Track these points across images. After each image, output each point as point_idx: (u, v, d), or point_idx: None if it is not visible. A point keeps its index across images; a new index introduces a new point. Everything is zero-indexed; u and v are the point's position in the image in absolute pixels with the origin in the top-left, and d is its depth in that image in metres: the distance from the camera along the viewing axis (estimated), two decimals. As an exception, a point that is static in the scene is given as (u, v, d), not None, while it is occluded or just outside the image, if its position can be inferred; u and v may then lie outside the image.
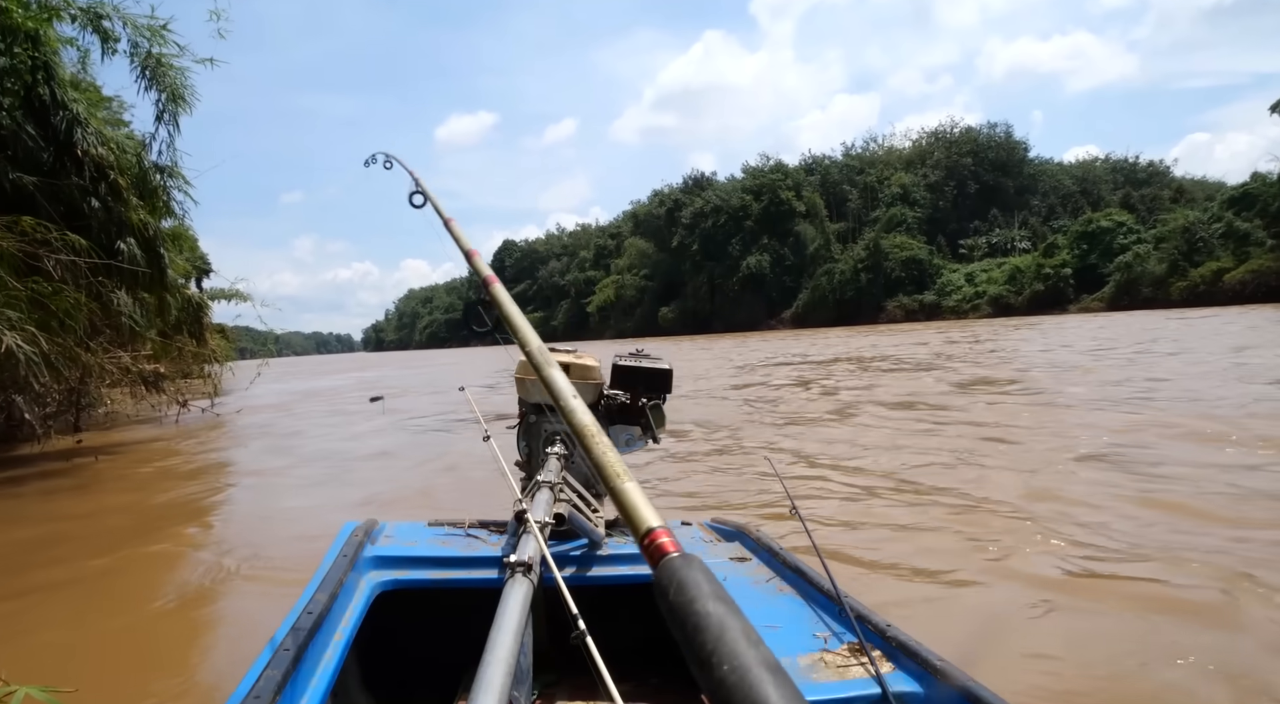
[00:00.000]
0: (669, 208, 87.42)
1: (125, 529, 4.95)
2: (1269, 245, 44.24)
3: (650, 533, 0.57)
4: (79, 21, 8.74)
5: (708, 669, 0.41)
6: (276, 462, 7.69)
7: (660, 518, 0.57)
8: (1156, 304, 46.82)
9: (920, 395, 9.22)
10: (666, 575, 0.50)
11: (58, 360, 7.27)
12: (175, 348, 11.03)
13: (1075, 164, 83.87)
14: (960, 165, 76.89)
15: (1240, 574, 2.86)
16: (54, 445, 8.72)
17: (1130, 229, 55.87)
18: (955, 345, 19.89)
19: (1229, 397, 7.21)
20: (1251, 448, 5.00)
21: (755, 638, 0.42)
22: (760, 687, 0.37)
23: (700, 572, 0.49)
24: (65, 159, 8.11)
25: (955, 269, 67.29)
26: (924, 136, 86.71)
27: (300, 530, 4.56)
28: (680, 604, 0.46)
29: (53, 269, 7.32)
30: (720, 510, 4.32)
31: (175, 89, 9.40)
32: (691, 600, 0.46)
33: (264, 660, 1.11)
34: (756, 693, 0.37)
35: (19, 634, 3.07)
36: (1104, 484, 4.33)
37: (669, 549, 0.54)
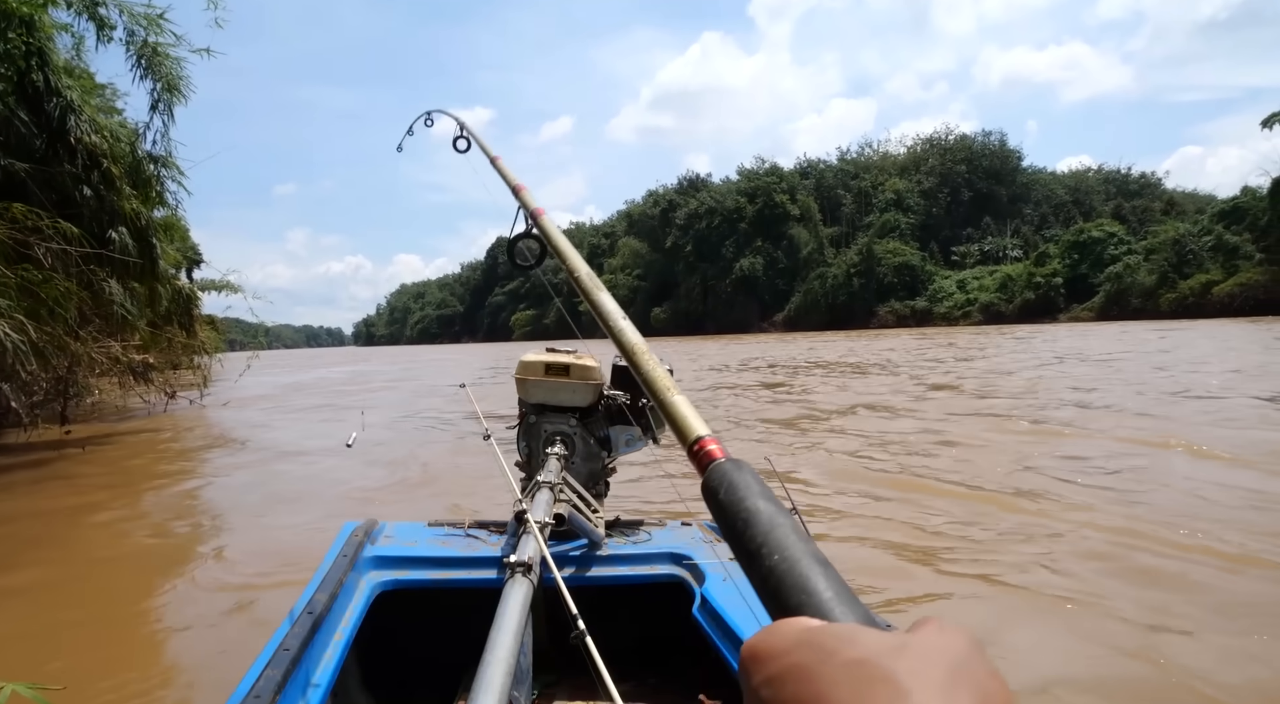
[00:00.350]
0: (663, 208, 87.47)
1: (114, 522, 4.91)
2: (1258, 259, 44.68)
3: (699, 440, 0.59)
4: (75, 8, 8.68)
5: (757, 560, 0.42)
6: (266, 455, 7.65)
7: (707, 427, 0.60)
8: (1145, 315, 47.20)
9: (862, 401, 9.27)
10: (716, 478, 0.51)
11: (46, 349, 7.21)
12: (165, 338, 10.96)
13: (1068, 174, 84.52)
14: (954, 172, 77.32)
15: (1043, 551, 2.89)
16: (41, 435, 8.65)
17: (1121, 240, 56.31)
18: (921, 352, 20.01)
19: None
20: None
21: (804, 533, 0.43)
22: (811, 575, 0.39)
23: (749, 474, 0.50)
24: (58, 146, 8.05)
25: (947, 276, 67.65)
26: (919, 143, 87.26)
27: (295, 525, 4.54)
28: (731, 502, 0.48)
29: (43, 257, 7.26)
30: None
31: (171, 79, 9.33)
32: (741, 498, 0.47)
33: (264, 660, 1.11)
34: (807, 580, 0.38)
35: (5, 630, 3.04)
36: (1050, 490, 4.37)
37: (717, 454, 0.55)
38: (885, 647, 0.28)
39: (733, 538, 0.46)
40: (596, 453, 1.81)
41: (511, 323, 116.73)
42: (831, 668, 0.28)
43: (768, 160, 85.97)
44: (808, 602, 0.37)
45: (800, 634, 0.31)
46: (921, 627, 0.30)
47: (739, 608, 1.39)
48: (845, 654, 0.28)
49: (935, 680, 0.26)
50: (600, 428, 1.82)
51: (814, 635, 0.30)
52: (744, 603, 1.42)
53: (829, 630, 0.31)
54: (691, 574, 1.59)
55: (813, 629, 0.31)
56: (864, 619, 0.36)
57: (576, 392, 1.79)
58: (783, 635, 0.31)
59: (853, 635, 0.29)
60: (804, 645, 0.30)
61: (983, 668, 0.28)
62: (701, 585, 1.51)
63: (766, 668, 0.30)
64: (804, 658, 0.29)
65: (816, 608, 0.37)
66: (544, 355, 1.82)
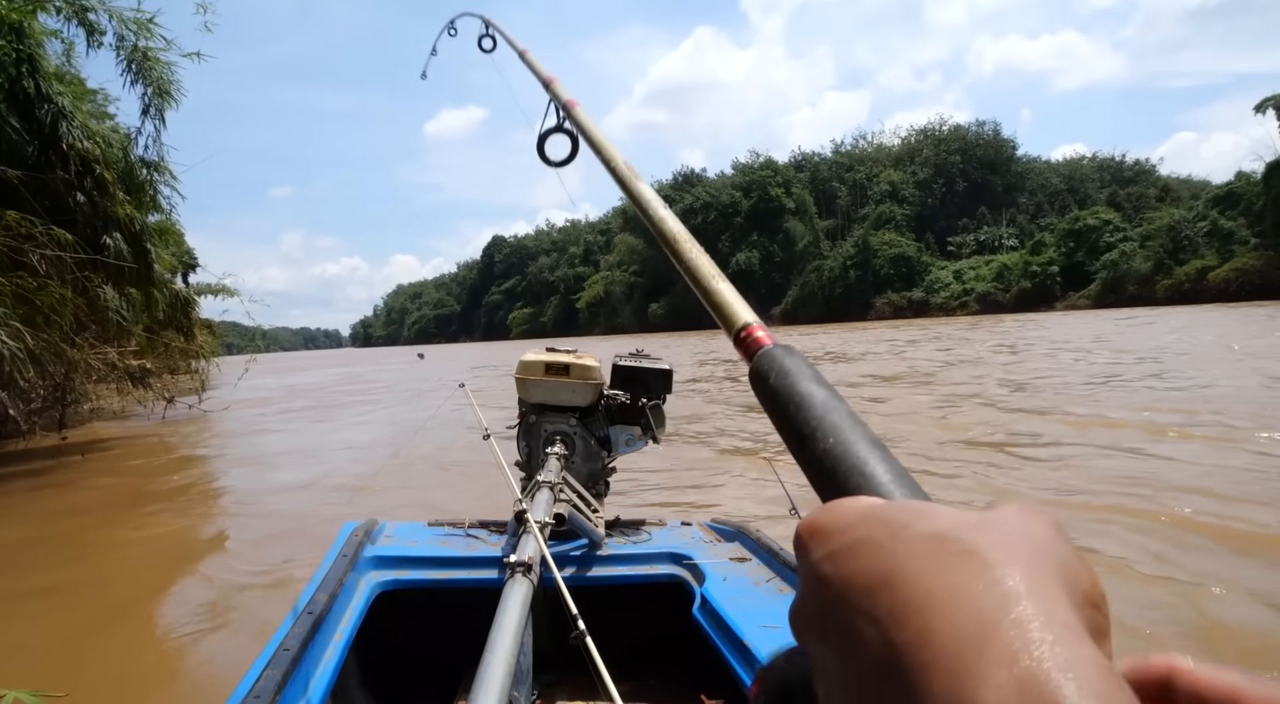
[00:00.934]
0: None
1: (112, 528, 4.91)
2: (1253, 244, 44.72)
3: (745, 327, 0.57)
4: (64, 14, 8.63)
5: (810, 444, 0.40)
6: (264, 459, 7.64)
7: (754, 315, 0.59)
8: (1142, 302, 47.24)
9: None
10: (766, 362, 0.49)
11: (43, 356, 7.19)
12: (162, 343, 10.92)
13: (1062, 162, 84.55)
14: (949, 163, 77.29)
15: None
16: (39, 442, 8.64)
17: (1116, 227, 56.34)
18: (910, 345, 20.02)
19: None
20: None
21: (859, 419, 0.41)
22: (869, 458, 0.36)
23: (800, 359, 0.48)
24: (50, 153, 8.01)
25: (943, 266, 67.64)
26: (913, 134, 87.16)
27: (293, 528, 4.53)
28: (783, 386, 0.45)
29: (38, 264, 7.23)
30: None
31: (162, 83, 9.29)
32: (793, 383, 0.45)
33: (264, 660, 1.11)
34: (865, 462, 0.36)
35: (6, 637, 3.04)
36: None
37: (765, 341, 0.53)
38: (965, 522, 0.26)
39: (783, 423, 0.43)
40: (596, 453, 1.81)
41: (509, 321, 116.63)
42: (905, 541, 0.25)
43: (762, 154, 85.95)
44: (865, 484, 0.35)
45: (867, 509, 0.28)
46: (1001, 506, 0.28)
47: (739, 608, 1.39)
48: (920, 527, 0.26)
49: (1022, 556, 0.24)
50: (600, 427, 1.82)
51: (883, 510, 0.28)
52: (744, 603, 1.42)
53: (898, 506, 0.28)
54: (691, 574, 1.59)
55: (879, 505, 0.29)
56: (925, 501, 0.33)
57: (576, 391, 1.79)
58: (847, 510, 0.29)
59: (927, 510, 0.27)
60: (872, 519, 0.27)
61: (1068, 549, 0.26)
62: (701, 585, 1.51)
63: (829, 542, 0.27)
64: (873, 531, 0.27)
65: (876, 489, 0.35)
66: (544, 355, 1.81)
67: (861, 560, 0.26)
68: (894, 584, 0.24)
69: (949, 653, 0.22)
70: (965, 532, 0.25)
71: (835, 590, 0.26)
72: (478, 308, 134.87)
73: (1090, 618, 0.24)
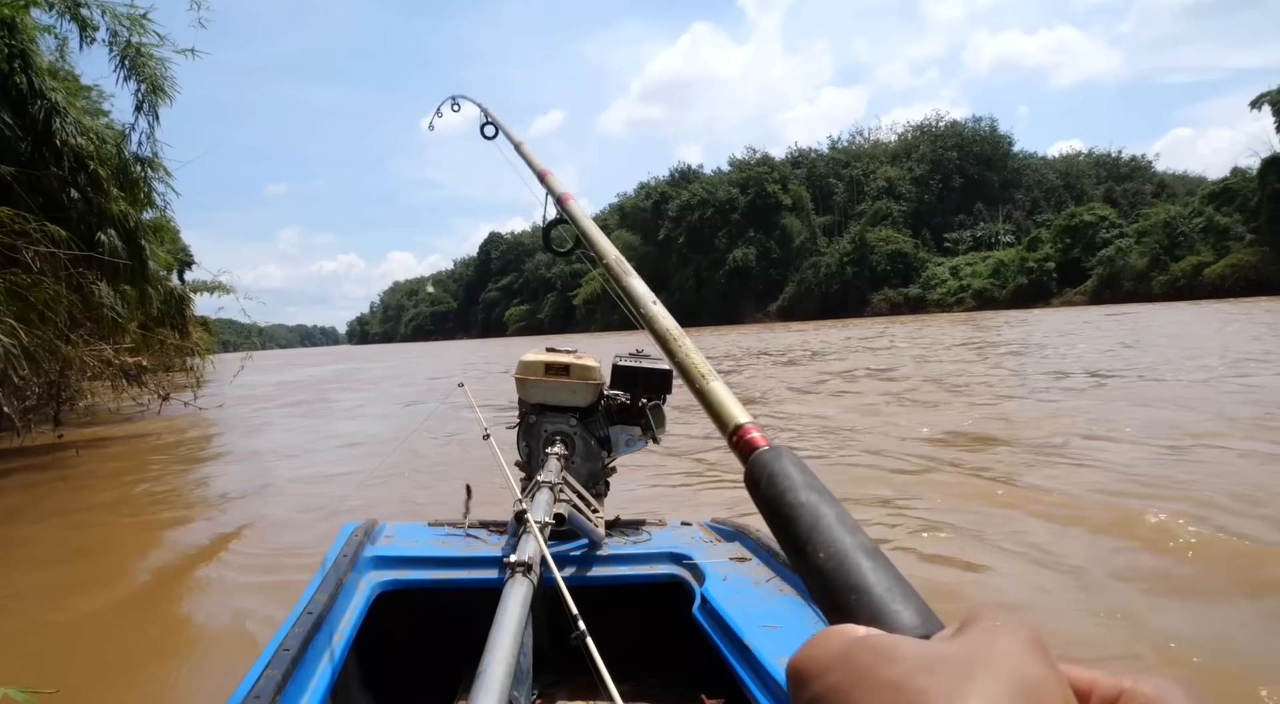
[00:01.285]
0: (655, 200, 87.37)
1: (108, 525, 4.89)
2: (1248, 240, 44.88)
3: (739, 429, 0.56)
4: (56, 9, 8.58)
5: (804, 557, 0.40)
6: (260, 456, 7.62)
7: (748, 415, 0.58)
8: (1138, 298, 47.40)
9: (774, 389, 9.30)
10: (758, 468, 0.49)
11: (37, 353, 7.15)
12: (157, 341, 10.89)
13: (1059, 158, 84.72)
14: (945, 159, 77.41)
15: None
16: (34, 439, 8.60)
17: (1113, 223, 56.48)
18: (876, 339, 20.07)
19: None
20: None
21: (851, 524, 0.41)
22: (859, 570, 0.37)
23: (792, 463, 0.48)
24: (44, 149, 7.97)
25: (940, 262, 67.78)
26: (910, 130, 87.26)
27: (290, 526, 4.52)
28: (773, 496, 0.46)
29: (31, 261, 7.19)
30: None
31: (155, 79, 9.23)
32: (784, 491, 0.45)
33: (264, 660, 1.11)
34: (855, 575, 0.37)
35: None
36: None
37: (758, 443, 0.53)
38: (921, 664, 0.26)
39: (778, 533, 0.44)
40: (596, 453, 1.81)
41: (505, 318, 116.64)
42: (867, 690, 0.26)
43: (759, 150, 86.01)
44: (858, 601, 0.36)
45: (842, 648, 0.29)
46: (967, 630, 0.28)
47: (739, 608, 1.39)
48: (881, 674, 0.26)
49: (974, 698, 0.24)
50: (600, 428, 1.82)
51: (854, 650, 0.28)
52: (744, 603, 1.42)
53: (868, 644, 0.29)
54: (691, 574, 1.59)
55: (853, 642, 0.29)
56: (916, 619, 0.34)
57: (576, 391, 1.79)
58: (824, 650, 0.29)
59: (890, 650, 0.27)
60: (844, 662, 0.28)
61: (1035, 675, 0.26)
62: (701, 585, 1.51)
63: (809, 689, 0.28)
64: (842, 679, 0.27)
65: (867, 609, 0.35)
66: (544, 355, 1.81)
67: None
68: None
69: None
70: (919, 677, 0.25)
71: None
72: (474, 305, 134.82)
73: None
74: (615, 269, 0.97)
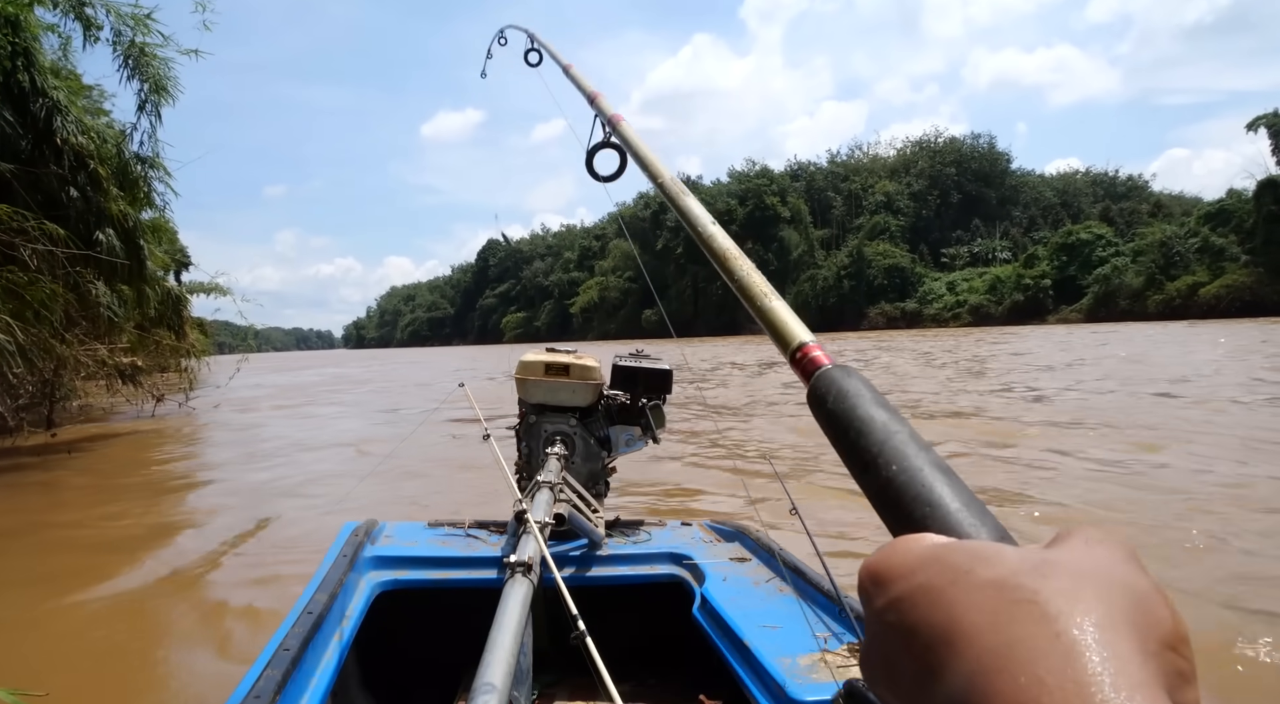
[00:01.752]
0: (654, 210, 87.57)
1: (100, 525, 4.85)
2: (1244, 261, 45.14)
3: (802, 347, 0.55)
4: (61, 7, 8.60)
5: (873, 470, 0.38)
6: (254, 457, 7.59)
7: (811, 334, 0.56)
8: (1133, 317, 47.60)
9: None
10: (824, 385, 0.47)
11: (32, 351, 7.12)
12: (153, 341, 10.86)
13: (1056, 176, 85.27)
14: (944, 175, 77.86)
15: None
16: (27, 439, 8.55)
17: (1109, 242, 56.80)
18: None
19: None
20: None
21: (924, 441, 0.39)
22: (934, 484, 0.35)
23: (860, 380, 0.46)
24: (44, 147, 7.97)
25: (937, 278, 68.07)
26: (908, 145, 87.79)
27: (285, 526, 4.50)
28: (842, 410, 0.43)
29: (29, 258, 7.18)
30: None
31: (158, 79, 9.26)
32: (854, 406, 0.43)
33: (264, 660, 1.11)
34: (930, 489, 0.35)
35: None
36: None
37: (822, 361, 0.51)
38: (1028, 564, 0.24)
39: (844, 449, 0.42)
40: (596, 453, 1.81)
41: (502, 325, 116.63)
42: (965, 589, 0.24)
43: (758, 162, 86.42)
44: (932, 515, 0.34)
45: (928, 551, 0.27)
46: (1066, 540, 0.26)
47: (739, 608, 1.39)
48: (981, 573, 0.24)
49: (1088, 602, 0.22)
50: (600, 428, 1.82)
51: (943, 552, 0.26)
52: (744, 603, 1.41)
53: (961, 547, 0.27)
54: (691, 574, 1.59)
55: (943, 544, 0.27)
56: (996, 534, 0.32)
57: (576, 392, 1.79)
58: (907, 552, 0.27)
59: (989, 552, 0.25)
60: (933, 563, 0.26)
61: (1143, 587, 0.24)
62: (701, 585, 1.51)
63: (891, 589, 0.26)
64: (933, 577, 0.25)
65: (942, 522, 0.33)
66: (544, 355, 1.81)
67: (922, 611, 0.25)
68: (953, 640, 0.23)
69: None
70: (1027, 577, 0.24)
71: (898, 642, 0.25)
72: (471, 311, 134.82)
73: (1169, 664, 0.22)
74: (672, 189, 0.94)
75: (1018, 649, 0.22)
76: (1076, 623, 0.22)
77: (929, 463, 0.37)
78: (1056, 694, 0.20)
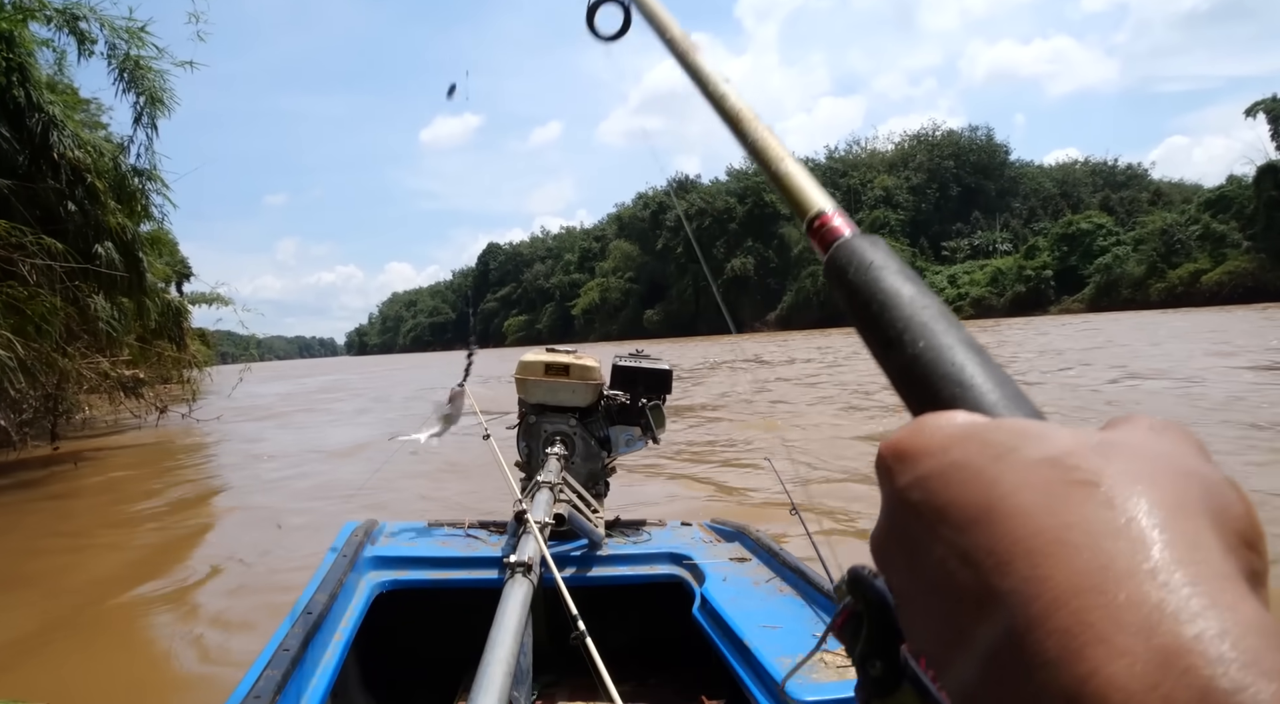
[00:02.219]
0: (653, 210, 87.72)
1: (105, 537, 4.86)
2: (1245, 247, 45.06)
3: (820, 215, 0.50)
4: (55, 22, 8.61)
5: (898, 347, 0.34)
6: (256, 466, 7.60)
7: (831, 201, 0.51)
8: (1135, 305, 47.53)
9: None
10: (844, 254, 0.43)
11: (34, 366, 7.14)
12: (154, 353, 10.87)
13: (1055, 167, 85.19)
14: (942, 168, 77.83)
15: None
16: (31, 453, 8.57)
17: (1110, 231, 56.73)
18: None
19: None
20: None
21: (955, 318, 0.35)
22: (965, 363, 0.31)
23: (884, 249, 0.42)
24: (41, 162, 7.97)
25: (938, 271, 68.02)
26: (906, 139, 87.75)
27: (287, 532, 4.49)
28: (864, 281, 0.39)
29: (28, 273, 7.19)
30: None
31: (154, 92, 9.27)
32: (877, 278, 0.39)
33: (264, 660, 1.11)
34: (961, 368, 0.31)
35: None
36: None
37: (843, 230, 0.46)
38: (1085, 445, 0.21)
39: (865, 324, 0.38)
40: (596, 453, 1.81)
41: (504, 329, 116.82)
42: (1012, 467, 0.21)
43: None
44: (963, 396, 0.30)
45: (964, 427, 0.24)
46: (1126, 424, 0.23)
47: (739, 608, 1.39)
48: (1031, 451, 0.21)
49: (1159, 487, 0.20)
50: (600, 428, 1.82)
51: (983, 429, 0.23)
52: (744, 603, 1.41)
53: (1003, 424, 0.24)
54: (691, 574, 1.59)
55: (980, 422, 0.24)
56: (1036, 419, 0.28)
57: (576, 392, 1.79)
58: (938, 429, 0.24)
59: (1037, 430, 0.22)
60: (972, 439, 0.23)
61: (1216, 477, 0.21)
62: (701, 585, 1.51)
63: (918, 465, 0.23)
64: (973, 454, 0.22)
65: (975, 402, 0.29)
66: (544, 355, 1.82)
67: (957, 488, 0.22)
68: (996, 519, 0.20)
69: (1065, 610, 0.17)
70: (1087, 457, 0.21)
71: (924, 522, 0.22)
72: (473, 316, 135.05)
73: (1246, 563, 0.19)
74: (681, 44, 0.90)
75: (1076, 533, 0.19)
76: (1147, 509, 0.19)
77: (960, 340, 0.33)
78: (1127, 582, 0.17)
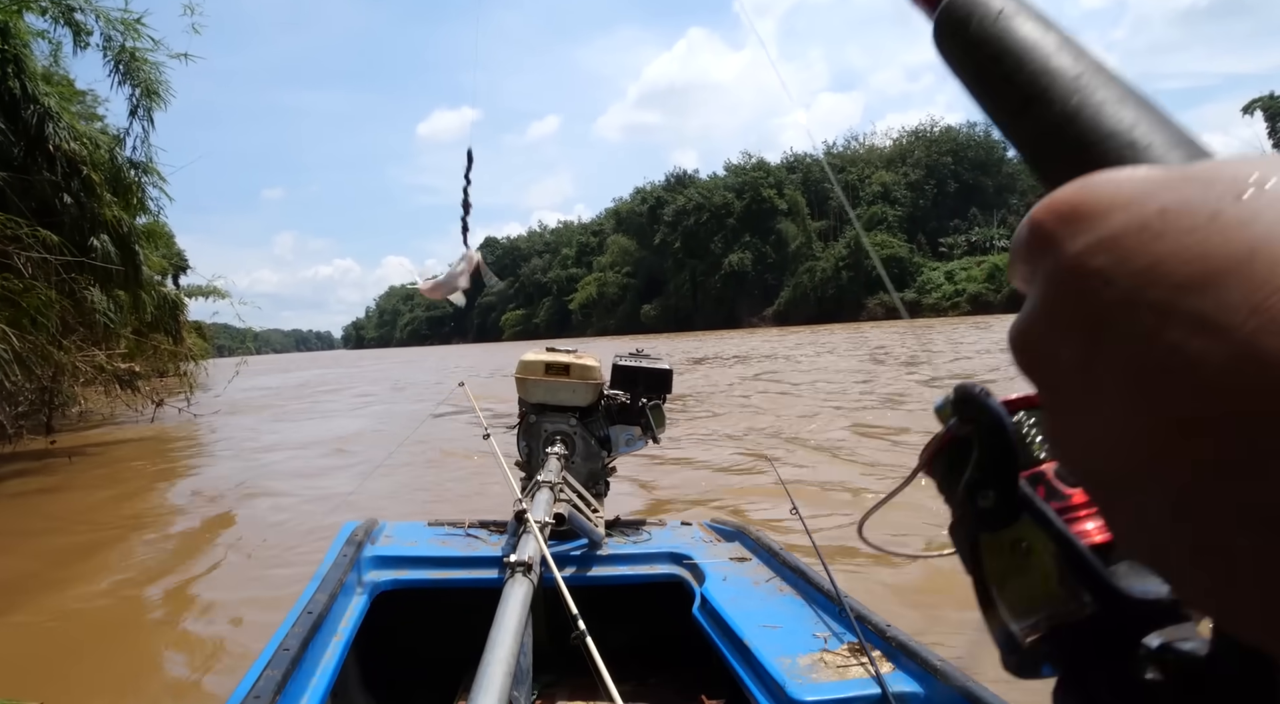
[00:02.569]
0: (651, 205, 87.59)
1: (101, 532, 4.85)
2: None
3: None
4: (50, 14, 8.57)
5: (1039, 107, 0.27)
6: (254, 460, 7.58)
7: None
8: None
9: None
10: (963, 6, 0.32)
11: (29, 358, 7.12)
12: (151, 346, 10.84)
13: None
14: (940, 164, 77.78)
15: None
16: (26, 446, 8.55)
17: (1106, 227, 56.78)
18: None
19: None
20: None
21: (1109, 68, 0.28)
22: (1137, 124, 0.24)
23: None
24: (36, 154, 7.94)
25: (935, 267, 68.08)
26: (904, 135, 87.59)
27: (285, 529, 4.49)
28: (991, 34, 0.30)
29: (23, 266, 7.16)
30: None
31: (149, 84, 9.23)
32: (1007, 27, 0.30)
33: (264, 660, 1.11)
34: (1129, 128, 0.24)
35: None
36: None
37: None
38: None
39: (993, 85, 0.30)
40: (596, 452, 1.81)
41: (501, 323, 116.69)
42: (1270, 202, 0.15)
43: (755, 155, 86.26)
44: (1135, 155, 0.24)
45: (1164, 172, 0.18)
46: None
47: (739, 608, 1.39)
48: (1274, 189, 0.15)
49: None
50: (600, 427, 1.82)
51: (1195, 170, 0.17)
52: (744, 603, 1.42)
53: (1213, 166, 0.18)
54: (691, 574, 1.59)
55: (1176, 168, 0.18)
56: None
57: (576, 391, 1.79)
58: (1119, 181, 0.18)
59: (1273, 166, 0.16)
60: (1187, 181, 0.17)
61: None
62: (701, 585, 1.51)
63: (1105, 223, 0.17)
64: (1193, 196, 0.16)
65: (1157, 162, 0.23)
66: (544, 355, 1.81)
67: (1175, 239, 0.16)
68: (1259, 264, 0.14)
69: None
70: None
71: (1119, 289, 0.16)
72: (470, 309, 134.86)
73: None
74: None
75: None
76: None
77: (1125, 93, 0.26)
78: None
